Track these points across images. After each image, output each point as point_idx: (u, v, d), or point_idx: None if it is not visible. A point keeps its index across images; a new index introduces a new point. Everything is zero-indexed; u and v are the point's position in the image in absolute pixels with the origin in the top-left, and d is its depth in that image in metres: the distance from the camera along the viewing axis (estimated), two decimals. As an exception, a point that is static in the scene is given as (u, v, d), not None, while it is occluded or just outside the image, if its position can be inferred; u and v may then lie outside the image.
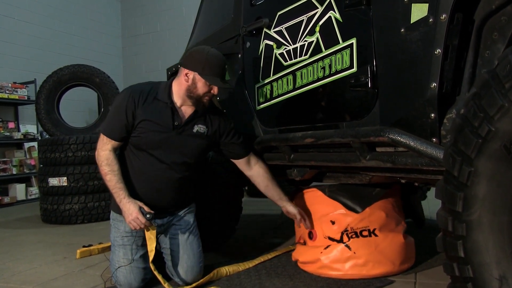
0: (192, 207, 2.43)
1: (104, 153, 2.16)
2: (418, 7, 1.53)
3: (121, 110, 2.16)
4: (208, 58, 2.16)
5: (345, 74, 1.90)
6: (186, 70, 2.18)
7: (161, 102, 2.21)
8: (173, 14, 8.94)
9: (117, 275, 2.19)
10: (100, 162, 2.16)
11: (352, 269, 2.22)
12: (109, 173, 2.13)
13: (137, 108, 2.16)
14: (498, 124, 1.09)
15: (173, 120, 2.20)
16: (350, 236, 2.27)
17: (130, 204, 2.08)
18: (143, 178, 2.21)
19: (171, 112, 2.20)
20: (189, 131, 2.25)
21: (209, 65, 2.15)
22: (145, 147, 2.19)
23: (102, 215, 4.56)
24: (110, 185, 2.13)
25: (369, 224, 2.30)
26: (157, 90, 2.24)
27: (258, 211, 4.48)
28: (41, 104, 5.03)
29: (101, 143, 2.19)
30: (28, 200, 6.53)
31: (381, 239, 2.27)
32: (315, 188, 2.51)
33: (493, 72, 1.12)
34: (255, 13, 2.51)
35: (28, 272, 2.70)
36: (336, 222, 2.33)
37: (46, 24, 7.69)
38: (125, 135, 2.19)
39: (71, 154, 4.49)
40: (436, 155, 1.49)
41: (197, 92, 2.18)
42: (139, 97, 2.18)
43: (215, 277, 2.32)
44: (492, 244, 1.15)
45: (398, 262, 2.25)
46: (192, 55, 2.21)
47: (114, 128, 2.18)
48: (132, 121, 2.16)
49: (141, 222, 2.06)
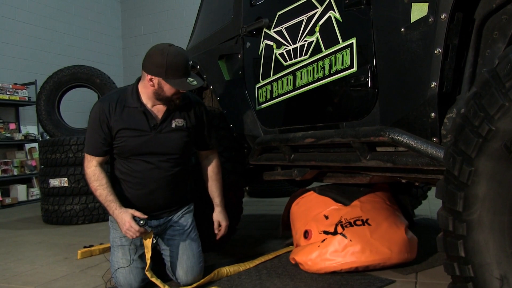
0: (191, 207, 2.42)
1: (90, 170, 2.18)
2: (418, 6, 1.53)
3: (96, 125, 2.17)
4: (169, 60, 2.07)
5: (345, 74, 1.89)
6: (150, 75, 2.12)
7: (131, 108, 2.19)
8: (173, 15, 8.94)
9: (117, 276, 2.19)
10: (89, 179, 2.18)
11: (351, 257, 2.23)
12: (99, 188, 2.15)
13: (110, 119, 2.16)
14: (499, 124, 1.09)
15: (149, 123, 2.19)
16: (344, 226, 2.31)
17: (122, 214, 2.09)
18: (133, 182, 2.22)
19: (145, 116, 2.19)
20: (168, 128, 2.23)
21: (171, 68, 2.07)
22: (128, 153, 2.20)
23: (103, 216, 4.56)
24: (101, 200, 2.16)
25: (362, 214, 2.35)
26: (125, 97, 2.21)
27: (259, 211, 4.48)
28: (42, 105, 5.03)
29: (86, 161, 2.21)
30: (29, 201, 6.54)
31: (374, 227, 2.30)
32: (307, 193, 2.59)
33: (493, 71, 1.11)
34: (255, 13, 2.50)
35: (29, 272, 2.71)
36: (330, 216, 2.38)
37: (46, 25, 7.70)
38: (107, 149, 2.20)
39: (72, 155, 4.49)
40: (437, 154, 1.49)
41: (165, 95, 2.15)
42: (109, 108, 2.17)
43: (216, 277, 2.32)
44: (492, 244, 1.15)
45: (395, 250, 2.26)
46: (152, 58, 2.11)
47: (94, 145, 2.19)
48: (109, 133, 2.17)
49: (136, 230, 2.06)
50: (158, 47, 2.14)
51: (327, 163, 2.09)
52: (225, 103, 2.75)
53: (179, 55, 2.11)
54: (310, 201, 2.54)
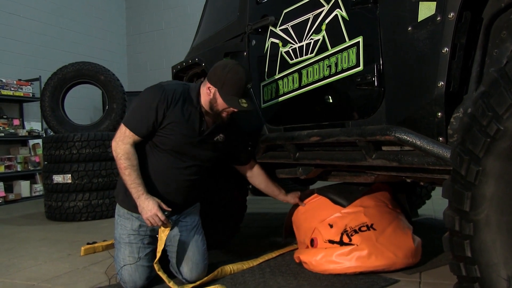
0: (197, 205, 2.44)
1: (124, 146, 2.11)
2: (425, 5, 1.53)
3: (152, 107, 2.11)
4: (229, 76, 2.10)
5: (351, 72, 1.89)
6: (209, 83, 2.15)
7: (192, 106, 2.20)
8: (178, 12, 8.94)
9: (122, 273, 2.19)
10: (119, 155, 2.10)
11: (357, 261, 2.22)
12: (129, 167, 2.09)
13: (168, 108, 2.13)
14: (507, 123, 1.09)
15: (200, 126, 2.21)
16: (350, 235, 2.28)
17: (149, 200, 2.07)
18: (159, 176, 2.21)
19: (200, 117, 2.21)
20: (211, 139, 2.27)
21: (228, 84, 2.10)
22: (168, 147, 2.19)
23: (106, 213, 4.57)
24: (128, 179, 2.09)
25: (366, 220, 2.33)
26: (189, 93, 2.22)
27: (263, 210, 4.48)
28: (46, 101, 5.03)
29: (122, 135, 2.13)
30: (32, 197, 6.55)
31: (379, 232, 2.29)
32: (309, 198, 2.58)
33: (502, 71, 1.11)
34: (261, 11, 2.50)
35: (32, 268, 2.71)
36: (334, 225, 2.35)
37: (51, 21, 7.71)
38: (148, 133, 2.15)
39: (76, 151, 4.50)
40: (443, 154, 1.49)
41: (217, 107, 2.17)
42: (172, 96, 2.14)
43: (219, 275, 2.32)
44: (499, 244, 1.15)
45: (401, 255, 2.24)
46: (216, 69, 2.16)
47: (141, 124, 2.13)
48: (161, 120, 2.13)
49: (160, 219, 2.06)
50: (226, 61, 2.22)
51: (332, 162, 2.09)
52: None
53: (239, 73, 2.13)
54: (313, 208, 2.53)
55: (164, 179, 2.21)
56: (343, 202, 2.42)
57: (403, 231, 2.34)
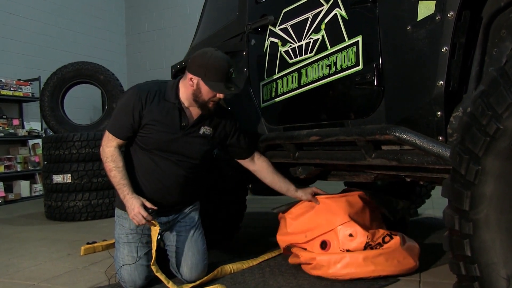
0: (197, 205, 2.43)
1: (109, 149, 2.16)
2: (425, 4, 1.52)
3: (128, 109, 2.15)
4: (210, 63, 2.09)
5: (351, 71, 1.89)
6: (191, 74, 2.14)
7: (168, 102, 2.19)
8: (177, 12, 8.94)
9: (122, 273, 2.19)
10: (105, 158, 2.16)
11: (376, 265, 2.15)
12: (114, 169, 2.13)
13: (144, 108, 2.15)
14: (507, 122, 1.08)
15: (181, 121, 2.19)
16: (374, 247, 2.21)
17: (133, 199, 2.08)
18: (148, 176, 2.21)
19: (179, 113, 2.19)
20: (196, 133, 2.24)
21: (212, 70, 2.09)
22: (151, 146, 2.19)
23: (106, 212, 4.57)
24: (114, 181, 2.13)
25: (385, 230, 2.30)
26: (164, 90, 2.21)
27: (262, 209, 4.47)
28: (46, 101, 5.03)
29: (106, 139, 2.19)
30: (32, 197, 6.55)
31: (401, 237, 2.26)
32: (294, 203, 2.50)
33: (501, 70, 1.11)
34: (260, 10, 2.50)
35: (32, 268, 2.71)
36: (355, 237, 2.22)
37: (50, 21, 7.70)
38: (131, 135, 2.19)
39: (75, 151, 4.50)
40: (443, 153, 1.48)
41: (202, 97, 2.15)
42: (146, 96, 2.16)
43: (219, 274, 2.32)
44: (499, 243, 1.15)
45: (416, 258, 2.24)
46: (196, 58, 2.15)
47: (120, 127, 2.18)
48: (138, 121, 2.15)
49: (143, 217, 2.05)
50: (204, 49, 2.18)
51: (332, 161, 2.09)
52: (229, 100, 2.74)
53: (221, 59, 2.12)
54: (331, 204, 2.38)
55: (156, 177, 2.21)
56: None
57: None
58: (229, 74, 2.14)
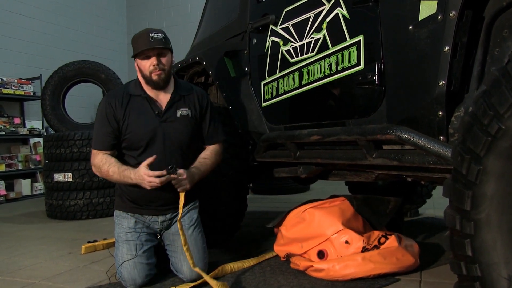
0: (196, 203, 2.42)
1: (97, 159, 2.21)
2: (427, 4, 1.52)
3: (103, 119, 2.21)
4: (133, 39, 2.22)
5: (352, 71, 1.89)
6: (135, 62, 2.24)
7: (135, 96, 2.25)
8: (178, 11, 8.94)
9: (121, 271, 2.19)
10: (99, 168, 2.19)
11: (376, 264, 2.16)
12: (110, 167, 2.16)
13: (116, 112, 2.20)
14: (509, 122, 1.08)
15: (153, 110, 2.23)
16: (371, 250, 2.22)
17: (136, 172, 2.11)
18: None
19: (148, 103, 2.24)
20: (173, 117, 2.25)
21: (135, 43, 2.20)
22: (136, 144, 2.21)
23: (107, 211, 4.57)
24: (116, 176, 2.15)
25: (381, 231, 2.33)
26: (128, 88, 2.29)
27: (263, 208, 4.48)
28: (47, 100, 5.04)
29: (93, 157, 2.24)
30: (33, 195, 6.55)
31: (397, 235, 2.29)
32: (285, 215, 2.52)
33: (503, 70, 1.10)
34: (262, 10, 2.50)
35: (33, 266, 2.71)
36: (351, 243, 2.23)
37: (52, 20, 7.70)
38: (114, 142, 2.22)
39: (76, 150, 4.50)
40: (444, 153, 1.49)
41: (144, 73, 2.21)
42: (114, 100, 2.22)
43: (220, 273, 2.32)
44: (500, 243, 1.14)
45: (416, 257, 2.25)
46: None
47: (102, 139, 2.22)
48: (117, 125, 2.20)
49: (153, 175, 2.05)
50: None
51: (333, 161, 2.09)
52: (230, 99, 2.74)
53: (141, 31, 2.22)
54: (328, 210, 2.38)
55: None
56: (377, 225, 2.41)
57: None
58: (148, 37, 2.17)
